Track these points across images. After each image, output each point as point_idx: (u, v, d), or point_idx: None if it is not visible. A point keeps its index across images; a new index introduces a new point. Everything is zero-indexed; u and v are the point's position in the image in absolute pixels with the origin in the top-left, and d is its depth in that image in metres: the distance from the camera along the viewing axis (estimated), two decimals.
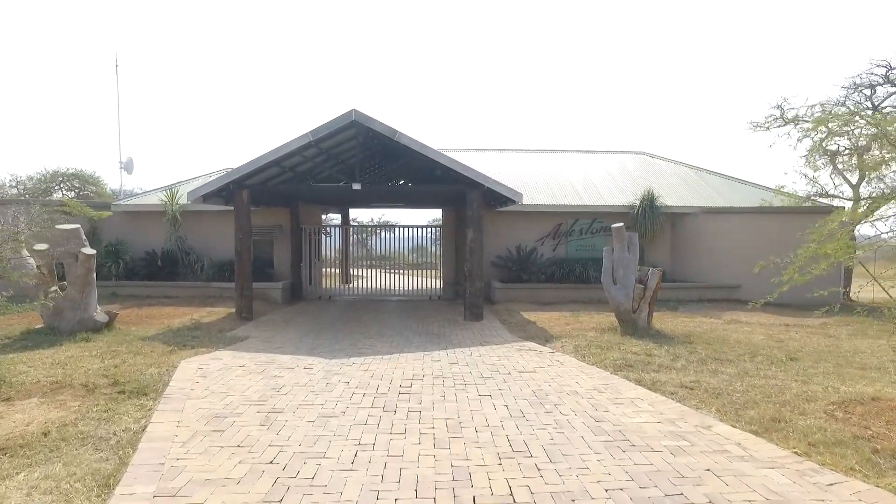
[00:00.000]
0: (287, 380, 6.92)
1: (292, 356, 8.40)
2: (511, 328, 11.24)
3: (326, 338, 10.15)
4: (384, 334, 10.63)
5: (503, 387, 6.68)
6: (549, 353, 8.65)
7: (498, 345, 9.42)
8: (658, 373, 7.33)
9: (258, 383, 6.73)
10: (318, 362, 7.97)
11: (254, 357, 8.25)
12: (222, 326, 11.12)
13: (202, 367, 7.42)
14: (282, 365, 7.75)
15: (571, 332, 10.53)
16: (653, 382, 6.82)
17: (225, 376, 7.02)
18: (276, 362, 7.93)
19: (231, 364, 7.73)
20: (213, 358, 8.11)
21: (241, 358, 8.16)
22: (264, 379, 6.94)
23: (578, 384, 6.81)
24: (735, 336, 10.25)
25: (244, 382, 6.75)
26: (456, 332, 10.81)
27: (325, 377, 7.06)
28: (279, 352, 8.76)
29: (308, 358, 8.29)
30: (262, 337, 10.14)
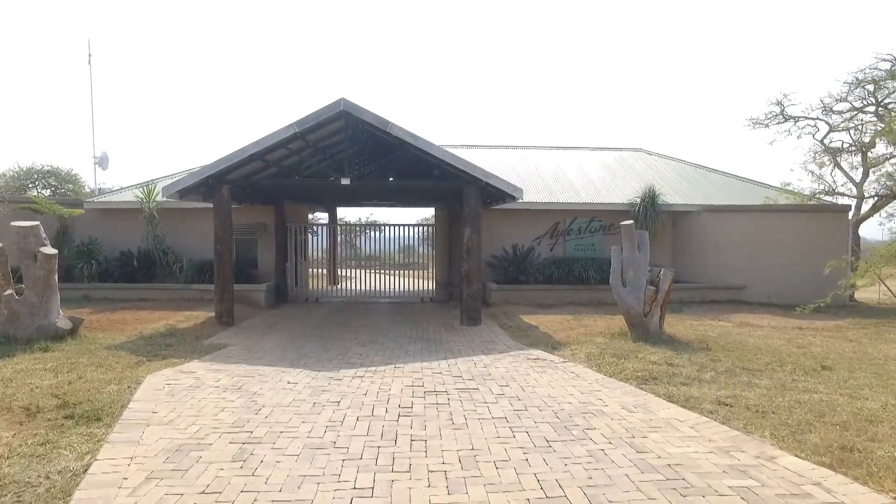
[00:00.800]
0: (268, 398, 5.89)
1: (275, 368, 7.37)
2: (513, 333, 10.28)
3: (313, 346, 9.12)
4: (376, 341, 9.62)
5: (518, 406, 5.71)
6: (561, 364, 7.70)
7: (502, 353, 8.45)
8: (687, 386, 6.41)
9: (234, 403, 5.71)
10: (304, 376, 6.94)
11: (231, 370, 7.21)
12: (200, 333, 10.06)
13: (171, 383, 6.37)
14: (263, 379, 6.72)
15: (578, 337, 9.61)
16: (685, 398, 5.89)
17: (196, 394, 5.98)
18: (257, 376, 6.89)
19: (204, 379, 6.69)
20: (184, 371, 7.06)
21: (217, 371, 7.12)
22: (242, 398, 5.91)
23: (603, 402, 5.86)
24: (752, 341, 9.40)
25: (218, 402, 5.72)
26: (454, 339, 9.83)
27: (312, 395, 6.04)
28: (260, 362, 7.73)
29: (293, 370, 7.26)
30: (243, 345, 9.09)
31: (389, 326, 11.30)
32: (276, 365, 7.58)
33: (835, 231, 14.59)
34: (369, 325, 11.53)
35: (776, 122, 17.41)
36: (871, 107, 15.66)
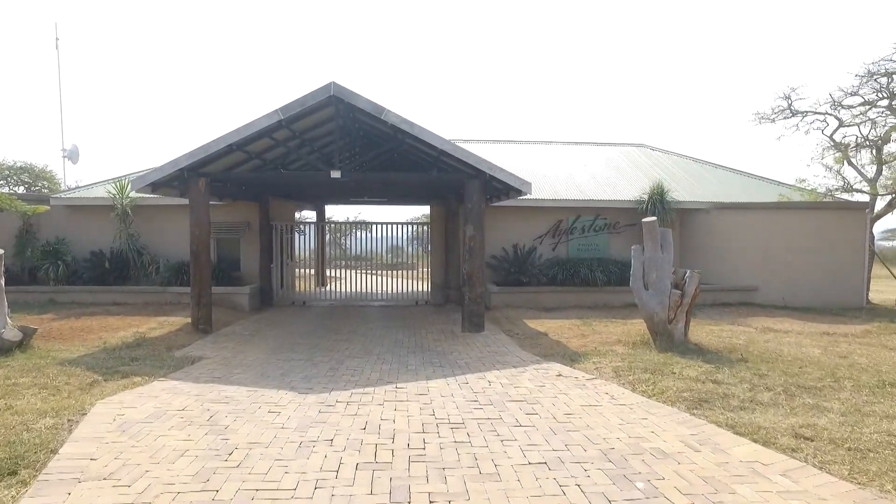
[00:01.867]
0: (243, 435, 4.63)
1: (254, 389, 6.08)
2: (521, 342, 9.09)
3: (300, 359, 7.84)
4: (371, 352, 8.38)
5: (556, 444, 4.48)
6: (589, 381, 6.51)
7: (516, 367, 7.24)
8: (748, 412, 5.26)
9: (200, 443, 4.43)
10: (289, 401, 5.67)
11: (203, 392, 5.92)
12: (173, 342, 8.75)
13: (123, 414, 5.07)
14: (238, 405, 5.44)
15: (596, 347, 8.44)
16: (754, 430, 4.73)
17: (153, 430, 4.70)
18: (232, 401, 5.61)
19: (167, 405, 5.40)
20: (144, 395, 5.76)
21: (184, 394, 5.83)
22: (210, 434, 4.63)
23: (657, 435, 4.67)
24: (787, 350, 8.30)
25: (179, 442, 4.44)
26: (457, 349, 8.60)
27: (298, 430, 4.77)
28: (238, 381, 6.45)
29: (275, 392, 5.99)
30: (220, 357, 7.80)
31: (384, 334, 10.05)
32: (257, 384, 6.31)
33: (852, 229, 13.58)
34: (362, 332, 10.27)
35: (783, 118, 16.39)
36: (884, 100, 14.69)
